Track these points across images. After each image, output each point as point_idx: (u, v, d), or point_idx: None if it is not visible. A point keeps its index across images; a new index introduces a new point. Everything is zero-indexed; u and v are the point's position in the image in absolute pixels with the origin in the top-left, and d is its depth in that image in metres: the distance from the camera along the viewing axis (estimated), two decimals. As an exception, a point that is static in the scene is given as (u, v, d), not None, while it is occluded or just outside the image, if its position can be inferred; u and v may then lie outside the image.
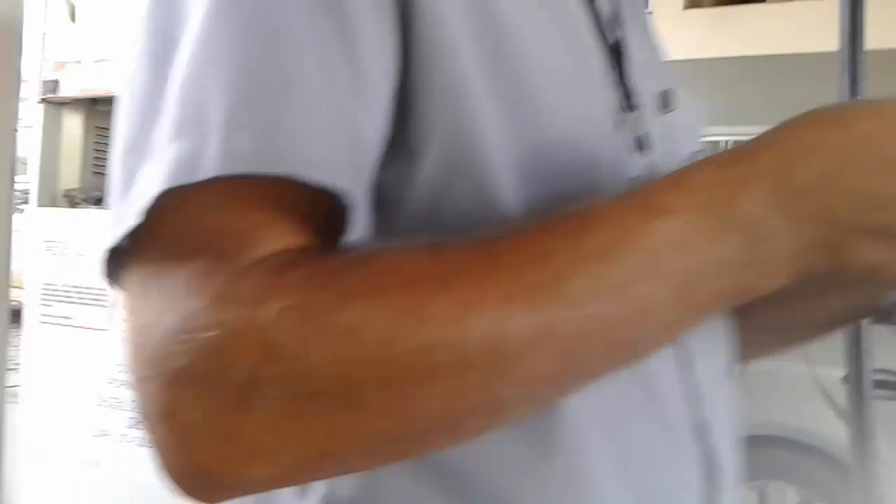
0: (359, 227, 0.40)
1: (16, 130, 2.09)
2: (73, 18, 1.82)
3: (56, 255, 1.88)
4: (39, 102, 1.91)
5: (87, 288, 1.82)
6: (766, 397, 2.19)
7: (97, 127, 2.00)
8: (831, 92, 0.72)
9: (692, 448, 0.52)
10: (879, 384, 1.08)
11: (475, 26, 0.44)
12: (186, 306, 0.35)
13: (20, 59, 2.06)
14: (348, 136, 0.39)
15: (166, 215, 0.36)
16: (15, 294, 1.98)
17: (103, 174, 2.08)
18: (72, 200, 1.96)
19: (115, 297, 1.64)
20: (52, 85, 1.86)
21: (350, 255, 0.39)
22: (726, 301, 0.41)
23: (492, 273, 0.36)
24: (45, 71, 1.86)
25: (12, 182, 2.15)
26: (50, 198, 1.93)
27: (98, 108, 1.94)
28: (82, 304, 1.82)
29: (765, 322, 0.64)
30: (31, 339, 1.95)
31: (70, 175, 1.98)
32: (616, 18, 0.57)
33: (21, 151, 2.04)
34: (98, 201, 1.92)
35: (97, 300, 1.79)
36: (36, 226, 1.90)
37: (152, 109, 0.39)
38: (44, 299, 1.91)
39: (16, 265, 2.04)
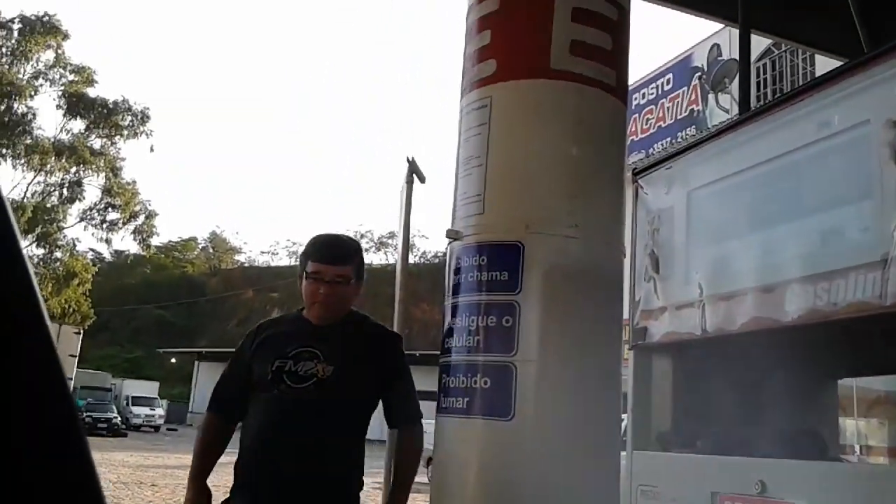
0: None
1: (620, 373, 2.28)
2: (657, 270, 1.98)
3: (649, 499, 1.90)
4: (630, 348, 2.06)
5: (681, 535, 1.78)
6: None
7: (685, 370, 2.05)
8: None
9: None
10: None
11: None
12: None
13: (622, 309, 2.30)
14: None
15: None
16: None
17: (694, 417, 2.08)
18: (664, 444, 1.99)
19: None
20: (642, 332, 2.00)
21: None
22: None
23: None
24: (635, 319, 2.03)
25: (619, 422, 2.31)
26: (644, 440, 2.01)
27: (685, 353, 2.00)
28: (677, 552, 1.79)
29: None
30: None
31: (662, 418, 2.05)
32: None
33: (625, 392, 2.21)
34: (690, 444, 1.92)
35: (691, 549, 1.73)
36: (631, 468, 1.98)
37: None
38: (640, 543, 1.93)
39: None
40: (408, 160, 3.28)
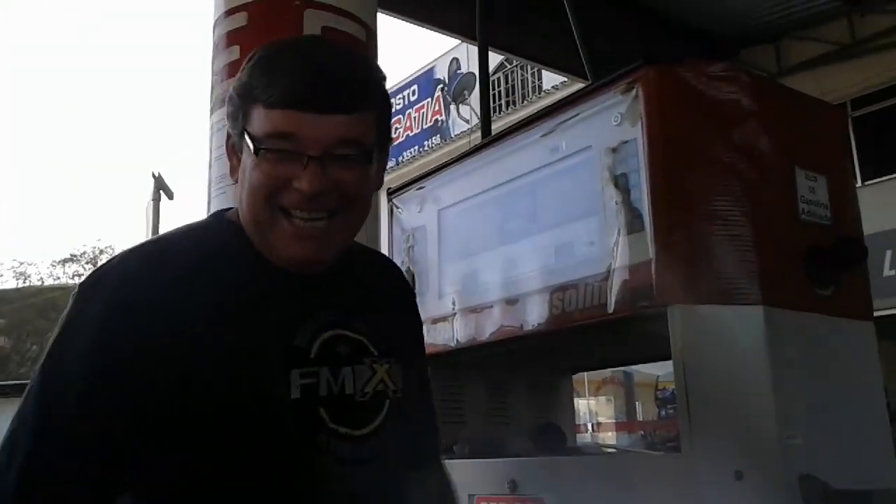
0: None
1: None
2: (413, 286, 2.10)
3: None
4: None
5: None
6: None
7: (443, 381, 2.19)
8: None
9: None
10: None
11: None
12: None
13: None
14: None
15: None
16: None
17: (452, 424, 2.20)
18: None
19: None
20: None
21: None
22: None
23: None
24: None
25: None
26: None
27: (442, 364, 2.13)
28: None
29: None
30: None
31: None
32: None
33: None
34: (450, 450, 2.03)
35: None
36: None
37: None
38: None
39: None
40: (153, 176, 3.12)
